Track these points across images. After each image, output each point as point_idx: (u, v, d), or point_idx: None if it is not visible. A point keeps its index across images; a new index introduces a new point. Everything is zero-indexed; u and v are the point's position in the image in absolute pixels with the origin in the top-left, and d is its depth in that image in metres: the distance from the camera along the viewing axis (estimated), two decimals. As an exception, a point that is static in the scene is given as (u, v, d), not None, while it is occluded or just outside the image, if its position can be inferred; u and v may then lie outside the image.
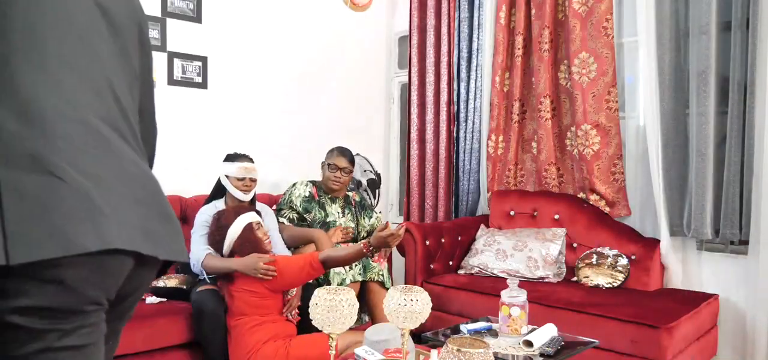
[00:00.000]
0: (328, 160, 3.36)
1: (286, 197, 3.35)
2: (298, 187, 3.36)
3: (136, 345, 2.59)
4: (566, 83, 3.62)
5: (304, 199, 3.30)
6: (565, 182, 3.74)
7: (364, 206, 3.49)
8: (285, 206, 3.32)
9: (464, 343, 1.59)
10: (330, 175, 3.30)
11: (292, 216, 3.28)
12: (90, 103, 1.03)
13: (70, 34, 1.04)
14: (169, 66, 3.60)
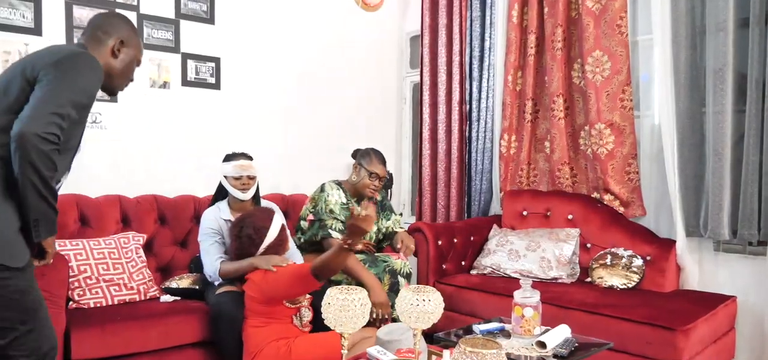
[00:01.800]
0: (368, 167, 3.16)
1: (321, 206, 3.10)
2: (331, 192, 3.13)
3: (150, 343, 2.60)
4: (580, 82, 3.59)
5: (342, 206, 3.10)
6: (578, 182, 3.70)
7: (384, 207, 3.38)
8: (326, 216, 3.06)
9: (477, 344, 1.58)
10: (369, 183, 3.15)
11: (339, 227, 3.04)
12: None
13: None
14: (183, 67, 3.62)
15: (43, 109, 1.64)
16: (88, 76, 1.78)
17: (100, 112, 3.32)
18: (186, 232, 3.36)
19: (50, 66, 1.71)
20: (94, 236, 2.98)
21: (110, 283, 2.83)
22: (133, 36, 2.03)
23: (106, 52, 1.94)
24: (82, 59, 1.79)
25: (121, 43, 1.96)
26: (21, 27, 3.07)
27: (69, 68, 1.73)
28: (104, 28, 1.96)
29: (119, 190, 3.27)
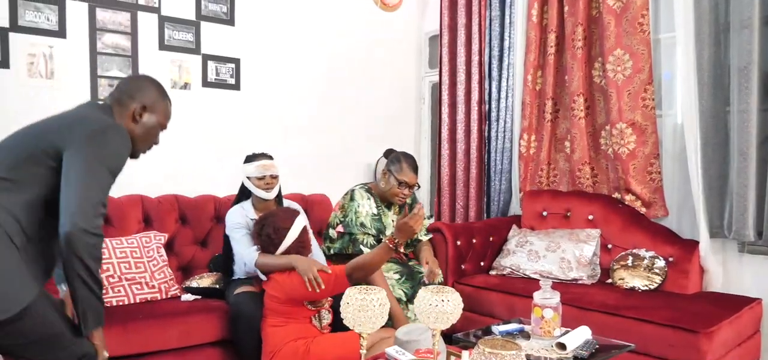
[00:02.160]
0: (398, 176, 3.03)
1: (351, 217, 3.01)
2: (362, 202, 3.03)
3: (171, 342, 2.63)
4: (600, 81, 3.55)
5: (373, 218, 3.01)
6: (599, 182, 3.67)
7: (412, 206, 3.28)
8: (356, 229, 2.98)
9: (496, 345, 1.57)
10: (398, 191, 3.03)
11: (371, 242, 2.96)
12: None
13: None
14: (203, 68, 3.66)
15: (88, 201, 1.66)
16: (121, 152, 1.80)
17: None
18: (206, 232, 3.39)
19: (83, 142, 1.70)
20: (116, 235, 3.02)
21: (132, 281, 2.87)
22: (160, 101, 2.01)
23: (127, 115, 1.93)
24: (112, 133, 1.79)
25: (144, 109, 1.96)
26: (46, 30, 3.12)
27: (102, 144, 1.73)
28: (130, 92, 1.95)
29: (141, 190, 3.32)
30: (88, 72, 3.26)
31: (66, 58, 3.19)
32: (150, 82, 2.03)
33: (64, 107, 3.17)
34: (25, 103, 3.08)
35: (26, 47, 3.07)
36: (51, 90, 3.15)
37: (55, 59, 3.16)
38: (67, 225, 1.64)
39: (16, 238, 1.64)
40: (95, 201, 1.68)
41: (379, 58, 4.49)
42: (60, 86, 3.18)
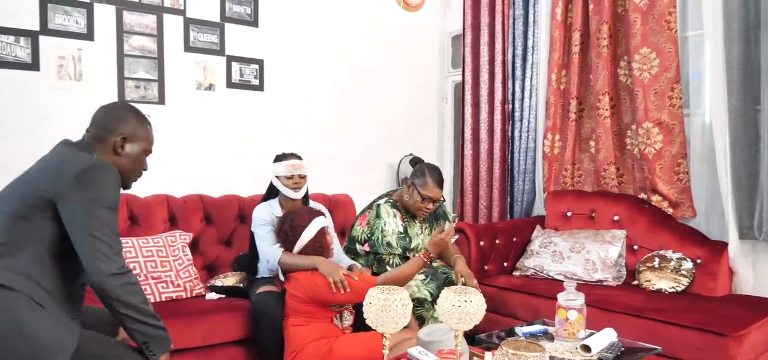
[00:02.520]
0: (421, 190, 2.93)
1: (377, 236, 2.94)
2: (388, 220, 2.95)
3: (195, 340, 2.66)
4: (626, 80, 3.50)
5: (399, 236, 2.95)
6: (625, 182, 3.62)
7: (438, 216, 3.19)
8: (383, 249, 2.93)
9: (519, 346, 1.56)
10: (421, 206, 2.94)
11: (396, 262, 2.93)
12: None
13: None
14: (228, 69, 3.70)
15: (101, 248, 1.66)
16: (111, 185, 1.74)
17: (149, 114, 3.39)
18: (230, 232, 3.42)
19: (72, 190, 1.66)
20: (142, 235, 3.07)
21: (158, 280, 2.91)
22: (139, 128, 1.92)
23: (108, 150, 1.86)
24: (97, 171, 1.72)
25: (124, 139, 1.88)
26: (75, 33, 3.18)
27: (91, 186, 1.68)
28: (107, 125, 1.87)
29: (167, 189, 3.36)
30: (116, 74, 3.32)
31: (94, 61, 3.26)
32: (126, 110, 1.94)
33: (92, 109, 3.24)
34: (55, 105, 3.14)
35: (56, 50, 3.14)
36: (79, 92, 3.22)
37: (84, 61, 3.22)
38: (94, 279, 1.67)
39: (38, 297, 1.63)
40: (107, 244, 1.68)
41: (402, 58, 4.49)
42: (88, 88, 3.24)
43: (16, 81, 3.05)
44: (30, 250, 1.65)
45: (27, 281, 1.61)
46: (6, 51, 3.01)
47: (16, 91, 3.05)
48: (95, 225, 1.66)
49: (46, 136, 3.06)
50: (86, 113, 3.21)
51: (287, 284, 2.62)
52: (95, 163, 1.74)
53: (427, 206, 2.95)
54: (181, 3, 3.50)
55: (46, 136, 3.06)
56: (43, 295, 1.64)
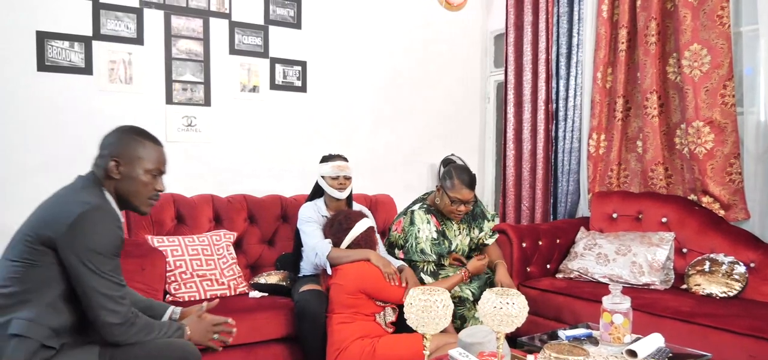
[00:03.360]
0: (450, 193, 2.89)
1: (411, 242, 2.91)
2: (422, 226, 2.91)
3: (239, 337, 2.68)
4: (675, 77, 3.40)
5: (433, 243, 2.91)
6: (673, 183, 3.51)
7: (475, 215, 3.14)
8: (418, 257, 2.89)
9: (562, 350, 1.54)
10: (452, 209, 2.91)
11: (431, 269, 2.90)
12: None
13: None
14: (271, 71, 3.76)
15: (102, 300, 1.66)
16: (104, 231, 1.69)
17: (195, 115, 3.51)
18: (273, 231, 3.48)
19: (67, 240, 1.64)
20: (188, 233, 3.15)
21: (203, 278, 2.98)
22: (136, 147, 1.83)
23: (106, 176, 1.81)
24: (87, 218, 1.66)
25: (117, 163, 1.80)
26: (125, 37, 3.29)
27: (83, 234, 1.65)
28: (102, 152, 1.84)
29: (212, 189, 3.44)
30: (164, 77, 3.42)
31: (143, 64, 3.36)
32: (121, 132, 1.86)
33: (142, 111, 3.36)
34: (107, 108, 3.26)
35: (107, 54, 3.25)
36: (129, 94, 3.32)
37: (134, 65, 3.33)
38: (103, 332, 1.70)
39: (51, 342, 1.66)
40: (106, 295, 1.68)
41: (444, 58, 4.47)
42: (138, 91, 3.34)
43: (71, 85, 3.17)
44: (43, 299, 1.66)
45: (40, 329, 1.64)
46: (61, 56, 3.14)
47: (71, 94, 3.17)
48: (92, 278, 1.65)
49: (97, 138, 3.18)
50: (136, 116, 3.34)
51: (334, 277, 2.66)
52: (87, 210, 1.67)
53: (458, 209, 2.91)
54: (227, 7, 3.58)
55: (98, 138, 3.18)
56: (56, 339, 1.67)
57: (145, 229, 3.05)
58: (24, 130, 3.07)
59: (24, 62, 3.05)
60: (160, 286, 2.66)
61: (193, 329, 1.96)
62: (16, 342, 1.60)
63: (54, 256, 1.66)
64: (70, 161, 3.14)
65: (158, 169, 1.88)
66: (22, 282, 1.66)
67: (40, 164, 3.10)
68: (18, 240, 1.71)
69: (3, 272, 1.69)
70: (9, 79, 3.02)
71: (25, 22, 3.05)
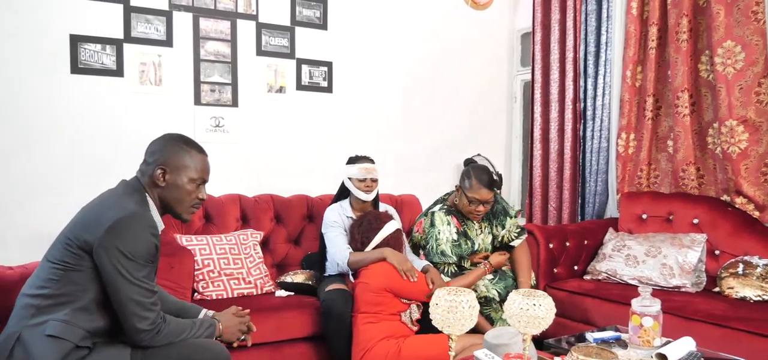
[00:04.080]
0: (468, 194, 2.88)
1: (432, 244, 2.92)
2: (442, 228, 2.91)
3: (266, 335, 2.74)
4: (708, 75, 3.32)
5: (454, 244, 2.91)
6: (705, 183, 3.43)
7: (496, 212, 3.11)
8: (437, 258, 2.90)
9: (590, 353, 1.52)
10: (471, 209, 2.90)
11: (452, 270, 2.92)
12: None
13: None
14: (297, 72, 3.78)
15: (132, 307, 1.69)
16: (140, 237, 1.71)
17: (223, 116, 3.55)
18: (299, 231, 3.50)
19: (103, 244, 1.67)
20: (216, 232, 3.19)
21: (230, 276, 3.01)
22: (183, 156, 1.86)
23: (151, 183, 1.85)
24: (124, 224, 1.69)
25: (164, 172, 1.83)
26: (155, 40, 3.35)
27: (119, 238, 1.67)
28: (148, 159, 1.86)
29: (239, 189, 3.48)
30: (192, 78, 3.46)
31: (173, 66, 3.41)
32: (168, 140, 1.88)
33: (172, 112, 3.41)
34: (137, 109, 3.32)
35: (138, 56, 3.31)
36: (159, 96, 3.38)
37: (163, 67, 3.38)
38: (132, 336, 1.74)
39: (86, 342, 1.71)
40: (136, 301, 1.70)
41: (470, 58, 4.45)
42: (167, 92, 3.40)
43: (103, 87, 3.24)
44: (79, 302, 1.70)
45: (75, 330, 1.68)
46: (94, 58, 3.20)
47: (103, 96, 3.24)
48: (125, 284, 1.68)
49: (128, 139, 3.26)
50: (166, 117, 3.39)
51: (359, 277, 2.68)
52: (124, 215, 1.70)
53: (477, 209, 2.89)
54: (254, 8, 3.61)
55: (129, 139, 3.25)
56: (89, 339, 1.72)
57: (174, 228, 3.09)
58: (59, 132, 3.15)
59: (58, 65, 3.13)
60: (188, 285, 2.70)
61: (224, 325, 2.00)
62: (52, 342, 1.64)
63: (90, 259, 1.69)
64: (103, 162, 3.22)
65: (202, 179, 1.91)
66: (60, 284, 1.70)
67: (74, 165, 3.17)
68: (59, 242, 1.75)
69: (43, 273, 1.73)
70: (44, 82, 3.10)
71: (59, 26, 3.12)
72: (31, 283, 1.75)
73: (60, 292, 1.70)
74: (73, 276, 1.70)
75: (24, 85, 3.06)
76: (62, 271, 1.70)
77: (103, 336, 1.76)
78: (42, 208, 3.08)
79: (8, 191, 2.98)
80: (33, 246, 2.82)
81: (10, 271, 2.12)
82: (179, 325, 1.85)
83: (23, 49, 3.04)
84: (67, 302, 1.69)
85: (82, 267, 1.70)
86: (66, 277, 1.70)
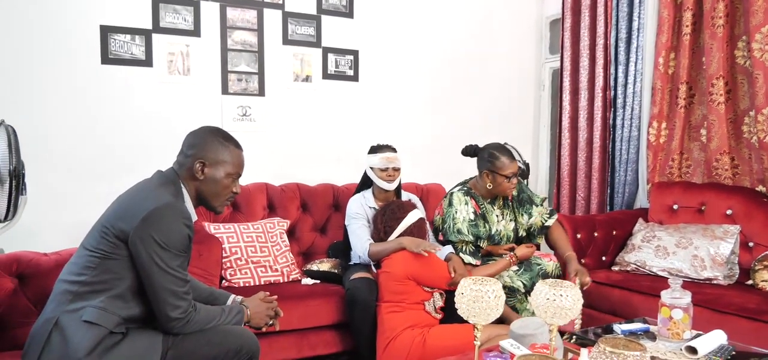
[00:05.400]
0: (502, 172, 2.86)
1: (449, 224, 2.92)
2: (459, 208, 2.91)
3: (292, 323, 2.77)
4: (745, 62, 3.23)
5: (470, 224, 2.91)
6: (740, 174, 3.35)
7: (522, 201, 3.10)
8: (454, 237, 2.90)
9: (618, 344, 1.49)
10: (508, 186, 2.88)
11: (470, 249, 2.90)
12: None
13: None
14: (324, 60, 3.79)
15: (165, 296, 1.73)
16: (174, 228, 1.74)
17: (250, 105, 3.58)
18: (325, 219, 3.52)
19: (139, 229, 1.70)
20: (243, 221, 3.22)
21: (257, 264, 3.05)
22: (221, 151, 1.89)
23: (189, 176, 1.88)
24: (158, 214, 1.72)
25: (203, 165, 1.87)
26: (183, 30, 3.38)
27: (155, 228, 1.70)
28: (187, 152, 1.89)
29: (266, 178, 3.51)
30: (219, 68, 3.50)
31: (200, 56, 3.45)
32: (207, 134, 1.91)
33: (200, 102, 3.45)
34: (166, 99, 3.36)
35: (166, 46, 3.35)
36: (187, 86, 3.42)
37: (191, 57, 3.42)
38: (163, 324, 1.78)
39: (120, 328, 1.74)
40: (170, 290, 1.74)
41: (497, 45, 4.40)
42: (195, 82, 3.44)
43: (133, 77, 3.29)
44: (115, 290, 1.74)
45: (111, 317, 1.72)
46: (124, 49, 3.25)
47: (133, 86, 3.29)
48: (159, 273, 1.72)
49: (158, 129, 3.31)
50: (193, 107, 3.43)
51: (383, 266, 2.68)
52: (159, 206, 1.73)
53: (513, 182, 2.90)
54: (280, -3, 3.63)
55: (158, 129, 3.30)
56: (123, 326, 1.76)
57: (202, 216, 3.14)
58: (91, 122, 3.21)
59: (89, 56, 3.19)
60: (216, 272, 2.74)
61: (252, 310, 2.04)
62: (87, 328, 1.69)
63: (126, 248, 1.73)
64: (133, 152, 3.28)
65: (238, 173, 1.95)
66: (97, 272, 1.74)
67: (105, 154, 3.23)
68: (96, 230, 1.79)
69: (80, 260, 1.77)
70: (76, 73, 3.16)
71: (89, 17, 3.17)
72: (68, 270, 1.80)
73: (97, 279, 1.74)
74: (109, 264, 1.74)
75: (56, 77, 3.12)
76: (99, 259, 1.74)
77: (136, 322, 1.80)
78: (74, 196, 3.15)
79: (42, 180, 3.05)
80: (66, 233, 2.89)
81: (46, 257, 2.17)
82: (209, 312, 1.88)
83: (55, 41, 3.11)
84: (103, 290, 1.73)
85: (118, 255, 1.74)
86: (103, 266, 1.74)
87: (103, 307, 1.71)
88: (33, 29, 3.06)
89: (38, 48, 3.07)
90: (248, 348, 1.92)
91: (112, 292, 1.74)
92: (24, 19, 3.04)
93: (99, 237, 1.76)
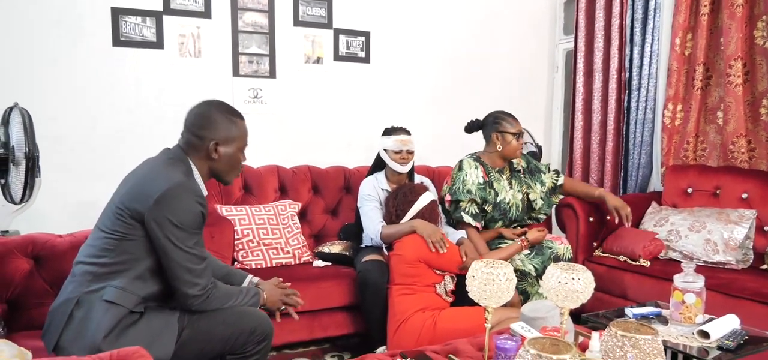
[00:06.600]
0: (511, 130, 2.96)
1: (458, 185, 2.97)
2: (469, 171, 2.97)
3: (304, 304, 2.77)
4: (764, 43, 3.17)
5: (479, 187, 2.95)
6: (756, 157, 3.30)
7: (532, 171, 3.17)
8: (463, 196, 2.94)
9: (629, 328, 1.48)
10: (517, 145, 2.97)
11: (474, 210, 2.94)
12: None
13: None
14: (335, 42, 3.77)
15: (182, 274, 1.76)
16: (189, 208, 1.75)
17: (261, 87, 3.57)
18: (337, 201, 3.52)
19: (152, 214, 1.71)
20: (255, 203, 3.24)
21: (269, 246, 3.06)
22: (231, 127, 1.90)
23: (203, 156, 1.88)
24: (172, 194, 1.73)
25: (217, 145, 1.87)
26: (194, 11, 3.38)
27: (169, 209, 1.72)
28: (198, 132, 1.87)
29: (277, 160, 3.52)
30: (230, 49, 3.49)
31: (211, 37, 3.44)
32: (215, 111, 1.91)
33: (210, 84, 3.44)
34: (177, 81, 3.37)
35: (177, 28, 3.35)
36: (198, 68, 3.42)
37: (202, 39, 3.41)
38: (183, 301, 1.81)
39: (139, 308, 1.77)
40: (187, 268, 1.76)
41: (511, 26, 4.35)
42: (206, 64, 3.44)
43: (144, 59, 3.29)
44: (134, 270, 1.77)
45: (130, 297, 1.75)
46: (135, 31, 3.26)
47: (144, 68, 3.30)
48: (176, 252, 1.74)
49: (169, 111, 3.31)
50: (204, 88, 3.43)
51: (394, 249, 2.69)
52: (172, 186, 1.74)
53: (520, 141, 2.99)
54: (291, -22, 3.60)
55: (170, 111, 3.31)
56: (142, 305, 1.79)
57: (214, 198, 3.15)
58: (103, 104, 3.23)
59: (101, 38, 3.19)
60: (228, 254, 2.76)
61: (268, 294, 2.08)
62: (107, 307, 1.72)
63: (142, 228, 1.75)
64: (144, 134, 3.29)
65: (246, 144, 1.98)
66: (116, 253, 1.77)
67: (116, 136, 3.25)
68: (110, 211, 1.81)
69: (98, 242, 1.80)
70: (88, 55, 3.17)
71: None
72: (86, 252, 1.82)
73: (116, 260, 1.76)
74: (127, 245, 1.76)
75: (68, 59, 3.13)
76: (117, 240, 1.76)
77: (155, 301, 1.83)
78: (88, 178, 3.17)
79: (55, 162, 3.08)
80: (78, 215, 2.92)
81: (61, 239, 2.19)
82: (228, 291, 1.92)
83: (67, 24, 3.11)
84: (123, 271, 1.76)
85: (135, 236, 1.76)
86: (121, 247, 1.76)
87: (123, 287, 1.74)
88: (45, 12, 3.07)
89: (50, 31, 3.08)
90: (262, 329, 1.94)
91: (132, 273, 1.77)
92: (36, 2, 3.04)
93: (114, 218, 1.78)
